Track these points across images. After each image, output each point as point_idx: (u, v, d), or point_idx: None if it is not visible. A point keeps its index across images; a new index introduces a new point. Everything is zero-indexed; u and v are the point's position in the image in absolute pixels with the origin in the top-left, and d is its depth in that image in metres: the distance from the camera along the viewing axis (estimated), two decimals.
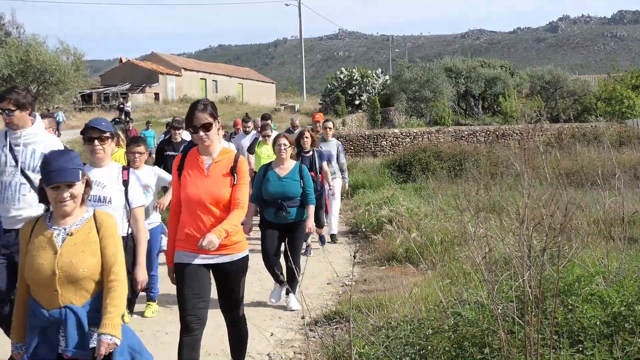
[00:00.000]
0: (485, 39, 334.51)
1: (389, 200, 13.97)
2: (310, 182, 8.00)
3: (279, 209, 7.79)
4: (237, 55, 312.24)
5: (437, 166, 20.19)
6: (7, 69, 32.66)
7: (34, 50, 32.90)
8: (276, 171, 7.99)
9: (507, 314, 4.29)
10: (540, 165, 6.69)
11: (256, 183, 8.07)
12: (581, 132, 26.55)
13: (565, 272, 4.83)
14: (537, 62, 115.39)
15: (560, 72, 50.51)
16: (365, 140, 29.59)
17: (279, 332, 7.04)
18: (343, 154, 12.36)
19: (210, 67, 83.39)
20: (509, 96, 43.02)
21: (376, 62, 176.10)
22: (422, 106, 44.36)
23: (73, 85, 35.05)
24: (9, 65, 32.66)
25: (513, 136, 29.09)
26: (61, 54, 34.63)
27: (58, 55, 34.20)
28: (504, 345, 3.96)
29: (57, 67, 32.96)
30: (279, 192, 7.78)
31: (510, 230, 6.28)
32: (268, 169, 8.04)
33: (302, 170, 7.95)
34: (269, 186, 7.88)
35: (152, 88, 67.31)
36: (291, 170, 7.96)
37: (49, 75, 32.99)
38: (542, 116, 37.47)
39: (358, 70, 50.78)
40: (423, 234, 9.82)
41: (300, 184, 7.88)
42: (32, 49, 33.13)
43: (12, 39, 41.05)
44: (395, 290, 7.61)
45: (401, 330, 4.80)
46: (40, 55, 32.76)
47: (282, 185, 7.83)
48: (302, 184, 7.91)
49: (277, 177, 7.90)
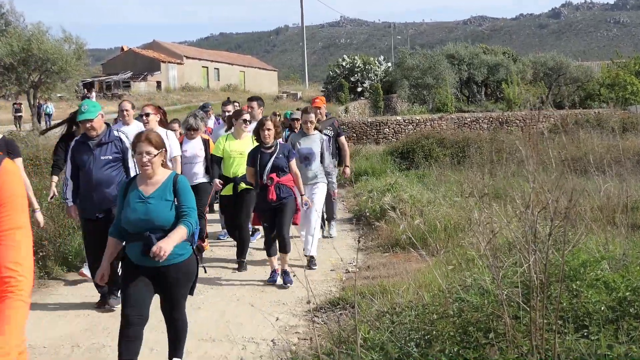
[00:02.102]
0: (487, 25, 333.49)
1: (392, 187, 13.95)
2: (188, 198, 5.24)
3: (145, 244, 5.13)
4: (239, 43, 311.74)
5: (440, 153, 20.13)
6: (8, 57, 32.60)
7: (35, 39, 32.82)
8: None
9: (512, 299, 4.29)
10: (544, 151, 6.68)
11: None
12: (584, 119, 26.46)
13: (570, 257, 4.83)
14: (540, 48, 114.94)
15: (563, 58, 50.38)
16: (367, 128, 29.57)
17: (283, 318, 7.06)
18: (329, 151, 10.30)
19: (212, 55, 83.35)
20: (512, 83, 42.91)
21: (378, 50, 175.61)
22: (424, 93, 44.29)
23: (75, 74, 34.97)
24: (10, 54, 32.60)
25: (516, 123, 29.03)
26: (63, 43, 34.54)
27: (60, 44, 34.11)
28: (509, 330, 3.97)
29: (59, 56, 32.87)
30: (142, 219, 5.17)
31: (515, 215, 6.28)
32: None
33: (176, 184, 5.21)
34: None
35: (154, 76, 67.31)
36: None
37: (50, 64, 32.91)
38: (545, 102, 37.43)
39: (360, 58, 50.75)
40: (426, 221, 9.82)
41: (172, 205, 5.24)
42: (34, 37, 33.06)
43: (13, 28, 40.96)
44: (399, 276, 7.62)
45: (406, 315, 4.81)
46: (42, 44, 32.67)
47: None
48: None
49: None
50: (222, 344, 6.34)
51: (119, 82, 65.27)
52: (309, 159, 9.70)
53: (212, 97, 57.40)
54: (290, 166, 8.49)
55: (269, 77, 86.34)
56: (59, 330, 6.80)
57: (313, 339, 5.70)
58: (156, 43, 78.23)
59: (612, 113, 27.31)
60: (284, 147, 8.64)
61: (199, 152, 9.97)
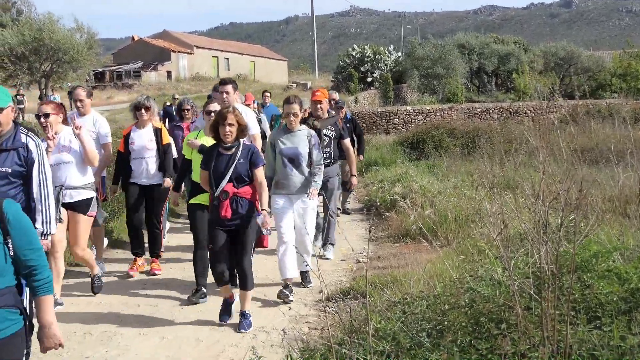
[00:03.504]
0: (498, 14, 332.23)
1: (402, 177, 13.95)
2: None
3: None
4: (249, 33, 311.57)
5: (450, 143, 20.09)
6: (20, 47, 32.64)
7: (47, 29, 32.84)
8: None
9: (524, 289, 4.29)
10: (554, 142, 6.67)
11: None
12: (596, 109, 26.34)
13: (581, 248, 4.82)
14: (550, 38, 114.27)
15: (574, 48, 50.06)
16: (377, 118, 29.56)
17: (293, 307, 7.08)
18: (318, 149, 7.87)
19: (222, 45, 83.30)
20: (523, 73, 42.69)
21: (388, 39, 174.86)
22: (434, 83, 44.13)
23: (86, 63, 35.02)
24: (22, 44, 32.64)
25: (527, 113, 28.92)
26: (75, 32, 34.57)
27: (71, 33, 34.13)
28: (520, 321, 3.97)
29: (70, 46, 32.90)
30: None
31: (526, 206, 6.27)
32: None
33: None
34: None
35: (164, 66, 67.35)
36: None
37: (62, 53, 32.94)
38: (555, 92, 37.25)
39: (370, 47, 50.60)
40: (437, 211, 9.83)
41: None
42: (46, 27, 33.08)
43: (25, 17, 41.03)
44: (409, 266, 7.63)
45: (417, 305, 4.82)
46: (53, 33, 32.70)
47: None
48: None
49: None
50: (233, 333, 6.36)
51: (129, 72, 65.32)
52: (295, 161, 7.72)
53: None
54: (255, 175, 6.57)
55: (278, 66, 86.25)
56: (71, 318, 6.85)
57: (325, 329, 5.73)
58: (166, 33, 78.28)
59: (623, 103, 27.16)
60: (248, 148, 6.66)
61: (148, 144, 8.53)
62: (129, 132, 8.60)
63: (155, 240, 8.75)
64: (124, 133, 8.69)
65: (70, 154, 7.01)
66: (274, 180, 7.75)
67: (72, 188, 7.07)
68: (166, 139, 8.67)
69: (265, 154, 7.79)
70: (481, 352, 3.86)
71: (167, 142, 8.66)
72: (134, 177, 8.59)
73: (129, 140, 8.53)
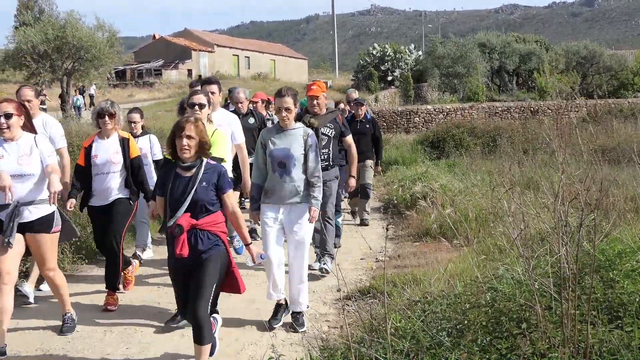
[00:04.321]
0: (519, 13, 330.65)
1: (422, 176, 13.92)
2: None
3: None
4: (269, 32, 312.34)
5: (470, 142, 20.04)
6: (43, 45, 32.87)
7: (70, 27, 33.05)
8: None
9: (544, 289, 4.27)
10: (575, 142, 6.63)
11: None
12: (618, 108, 26.15)
13: (605, 248, 4.80)
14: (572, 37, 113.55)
15: (596, 47, 49.73)
16: (397, 117, 29.51)
17: (313, 306, 7.09)
18: (315, 152, 6.55)
19: (243, 44, 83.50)
20: (544, 72, 42.45)
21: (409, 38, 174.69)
22: (455, 82, 44.02)
23: (108, 61, 35.20)
24: (45, 42, 32.87)
25: (548, 112, 28.76)
26: (96, 31, 34.76)
27: (93, 31, 34.34)
28: (541, 321, 3.95)
29: (92, 44, 33.09)
30: None
31: (546, 206, 6.23)
32: None
33: None
34: None
35: (185, 64, 67.64)
36: None
37: (84, 51, 33.14)
38: (575, 91, 37.02)
39: (391, 46, 50.52)
40: (457, 210, 9.79)
41: None
42: (69, 25, 33.29)
43: (47, 16, 41.35)
44: (429, 265, 7.61)
45: (437, 304, 4.81)
46: (76, 31, 32.91)
47: None
48: None
49: None
50: (253, 331, 6.38)
51: (150, 70, 65.68)
52: (286, 165, 6.41)
53: (242, 85, 57.41)
54: (225, 202, 5.33)
55: (299, 65, 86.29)
56: (92, 315, 6.89)
57: (344, 327, 5.73)
58: (187, 31, 78.68)
59: None
60: (214, 169, 5.31)
61: (113, 157, 7.10)
62: (91, 144, 7.16)
63: (112, 271, 7.14)
64: (85, 145, 7.24)
65: (32, 166, 5.86)
66: (264, 189, 6.53)
67: (30, 204, 5.87)
68: (135, 151, 7.27)
69: (254, 157, 6.80)
70: (501, 352, 3.85)
71: (136, 154, 7.26)
72: (93, 199, 7.19)
73: (90, 152, 7.10)
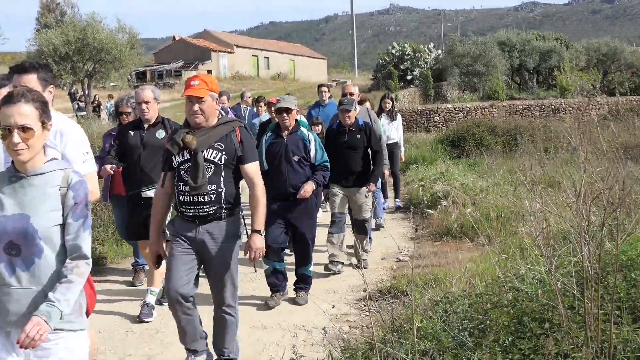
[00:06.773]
0: (539, 11, 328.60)
1: (443, 175, 13.88)
2: None
3: None
4: (288, 32, 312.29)
5: (491, 141, 19.91)
6: (64, 47, 33.14)
7: (91, 29, 33.31)
8: None
9: (567, 289, 4.25)
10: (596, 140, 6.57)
11: None
12: None
13: (625, 247, 4.76)
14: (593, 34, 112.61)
15: (617, 44, 49.21)
16: (417, 116, 29.41)
17: (335, 306, 7.10)
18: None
19: (262, 44, 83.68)
20: (565, 69, 42.13)
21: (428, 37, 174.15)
22: (475, 80, 43.75)
23: (128, 63, 35.43)
24: (66, 44, 33.15)
25: (569, 110, 28.54)
26: (117, 33, 35.02)
27: (114, 33, 34.59)
28: (564, 321, 3.93)
29: (113, 45, 33.33)
30: None
31: (568, 205, 6.20)
32: None
33: None
34: None
35: (204, 65, 67.83)
36: None
37: (105, 53, 33.39)
38: (596, 89, 36.71)
39: (410, 45, 50.34)
40: (478, 209, 9.76)
41: None
42: (90, 27, 33.56)
43: (69, 18, 41.69)
44: (450, 265, 7.60)
45: (459, 304, 4.79)
46: (97, 33, 33.16)
47: None
48: None
49: None
50: (274, 331, 6.41)
51: (170, 72, 65.95)
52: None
53: (262, 85, 57.67)
54: None
55: (318, 65, 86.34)
56: (113, 316, 6.94)
57: (368, 327, 5.73)
58: (207, 32, 78.94)
59: None
60: None
61: None
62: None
63: None
64: None
65: None
66: None
67: None
68: None
69: None
70: (524, 352, 3.84)
71: None
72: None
73: None
